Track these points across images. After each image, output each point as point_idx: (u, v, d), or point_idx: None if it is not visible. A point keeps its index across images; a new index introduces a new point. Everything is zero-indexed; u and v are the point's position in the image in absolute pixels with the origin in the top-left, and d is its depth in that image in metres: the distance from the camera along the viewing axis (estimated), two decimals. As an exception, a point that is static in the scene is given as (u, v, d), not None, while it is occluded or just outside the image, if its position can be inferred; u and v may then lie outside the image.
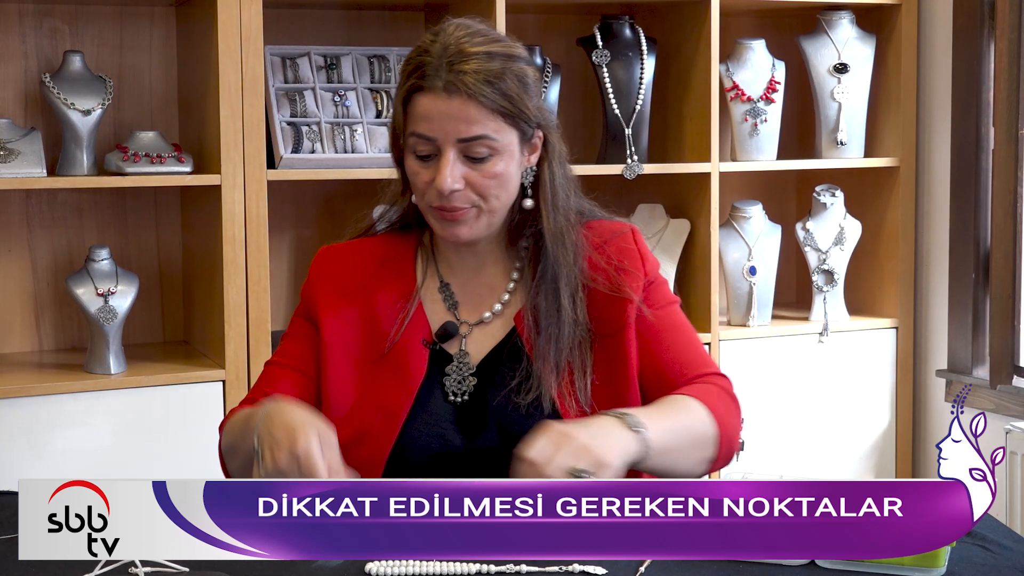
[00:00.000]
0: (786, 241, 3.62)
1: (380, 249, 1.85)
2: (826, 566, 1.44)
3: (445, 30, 1.72)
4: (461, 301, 1.82)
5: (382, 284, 1.81)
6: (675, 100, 3.49)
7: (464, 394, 1.76)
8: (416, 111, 1.69)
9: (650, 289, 1.81)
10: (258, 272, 2.96)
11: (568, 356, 1.74)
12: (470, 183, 1.70)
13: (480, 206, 1.72)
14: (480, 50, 1.68)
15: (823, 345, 3.54)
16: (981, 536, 1.53)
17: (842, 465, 3.59)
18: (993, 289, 3.42)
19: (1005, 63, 3.32)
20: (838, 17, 3.58)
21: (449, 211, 1.70)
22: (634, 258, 1.81)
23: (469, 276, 1.82)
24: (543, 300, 1.75)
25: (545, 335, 1.74)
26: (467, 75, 1.66)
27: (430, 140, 1.68)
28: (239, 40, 2.91)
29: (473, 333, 1.80)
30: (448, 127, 1.67)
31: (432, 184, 1.69)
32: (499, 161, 1.70)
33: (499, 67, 1.68)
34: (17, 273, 3.15)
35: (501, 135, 1.69)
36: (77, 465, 2.81)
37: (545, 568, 1.43)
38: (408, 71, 1.70)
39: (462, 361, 1.78)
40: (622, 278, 1.78)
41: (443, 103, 1.66)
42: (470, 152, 1.68)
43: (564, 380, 1.73)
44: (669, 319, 1.81)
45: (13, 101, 3.10)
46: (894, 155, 3.61)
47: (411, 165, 1.72)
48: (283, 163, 3.01)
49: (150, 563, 1.43)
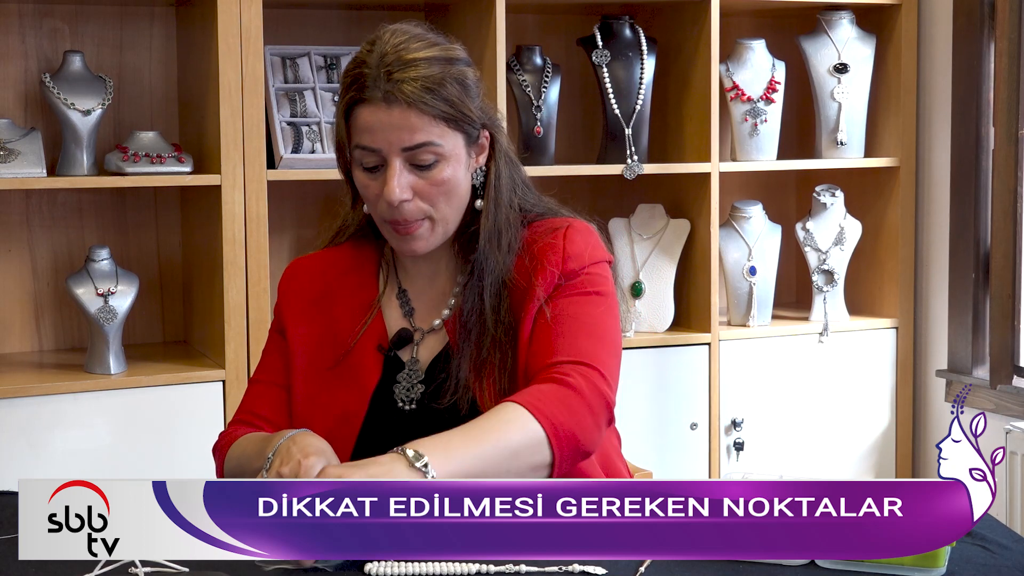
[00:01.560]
0: (786, 241, 3.62)
1: (345, 258, 1.85)
2: (826, 566, 1.44)
3: (381, 38, 1.69)
4: (416, 308, 1.81)
5: (345, 293, 1.82)
6: (675, 100, 3.49)
7: (412, 401, 1.76)
8: (358, 123, 1.67)
9: (567, 282, 1.73)
10: (258, 272, 2.96)
11: (489, 356, 1.72)
12: (418, 192, 1.68)
13: (432, 216, 1.70)
14: (417, 56, 1.66)
15: (823, 345, 3.54)
16: (981, 536, 1.53)
17: (842, 465, 3.59)
18: (993, 289, 3.42)
19: (1005, 63, 3.32)
20: (838, 17, 3.58)
21: (403, 225, 1.69)
22: (555, 254, 1.74)
23: (424, 283, 1.82)
24: (468, 299, 1.74)
25: (465, 334, 1.73)
26: (405, 83, 1.64)
27: (374, 151, 1.67)
28: (239, 40, 2.91)
29: (426, 339, 1.79)
30: (391, 137, 1.65)
31: (381, 196, 1.68)
32: (446, 167, 1.68)
33: (438, 72, 1.67)
34: (17, 273, 3.15)
35: (445, 140, 1.68)
36: (77, 465, 2.81)
37: (545, 568, 1.43)
38: (347, 84, 1.68)
39: (412, 368, 1.77)
40: (534, 276, 1.73)
41: (384, 113, 1.65)
42: (416, 160, 1.67)
43: (486, 380, 1.71)
44: (571, 309, 1.71)
45: (13, 101, 3.10)
46: (894, 155, 3.61)
47: (360, 178, 1.71)
48: (283, 163, 3.01)
49: (150, 563, 1.43)
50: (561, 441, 1.58)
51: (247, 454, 1.71)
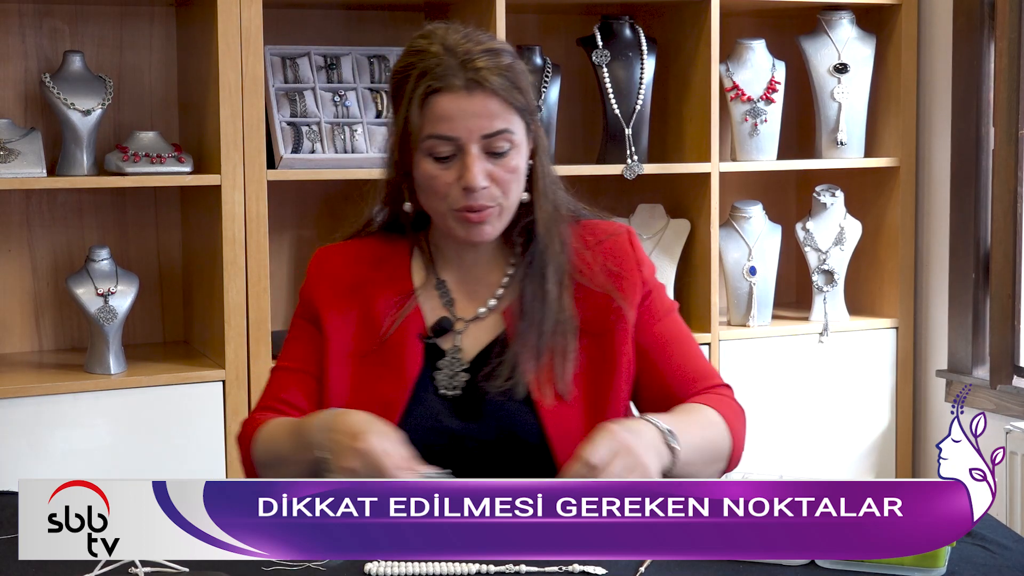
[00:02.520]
0: (786, 241, 3.62)
1: (375, 249, 1.86)
2: (826, 566, 1.44)
3: (435, 33, 1.73)
4: (456, 298, 1.82)
5: (379, 283, 1.82)
6: (675, 100, 3.49)
7: (455, 388, 1.76)
8: (435, 112, 1.68)
9: (650, 298, 1.81)
10: (258, 272, 2.96)
11: (550, 342, 1.74)
12: (493, 179, 1.70)
13: (501, 203, 1.73)
14: (484, 47, 1.70)
15: (823, 345, 3.54)
16: (981, 536, 1.53)
17: (842, 465, 3.58)
18: (993, 289, 3.42)
19: (1005, 63, 3.32)
20: (838, 17, 3.58)
21: (476, 211, 1.71)
22: (629, 262, 1.81)
23: (464, 273, 1.83)
24: (528, 286, 1.76)
25: (527, 319, 1.75)
26: (484, 71, 1.67)
27: (451, 140, 1.68)
28: (239, 40, 2.91)
29: (468, 329, 1.80)
30: (471, 124, 1.67)
31: (456, 184, 1.69)
32: (516, 155, 1.72)
33: (509, 61, 1.71)
34: (17, 273, 3.15)
35: (516, 128, 1.71)
36: (77, 465, 2.81)
37: (545, 568, 1.43)
38: (416, 76, 1.69)
39: (454, 356, 1.78)
40: (616, 281, 1.79)
41: (465, 101, 1.67)
42: (491, 147, 1.69)
43: (543, 369, 1.74)
44: (671, 330, 1.82)
45: (13, 101, 3.10)
46: (894, 155, 3.61)
47: (428, 169, 1.71)
48: (283, 163, 3.01)
49: (150, 563, 1.43)
50: (735, 455, 1.74)
51: (278, 443, 1.71)
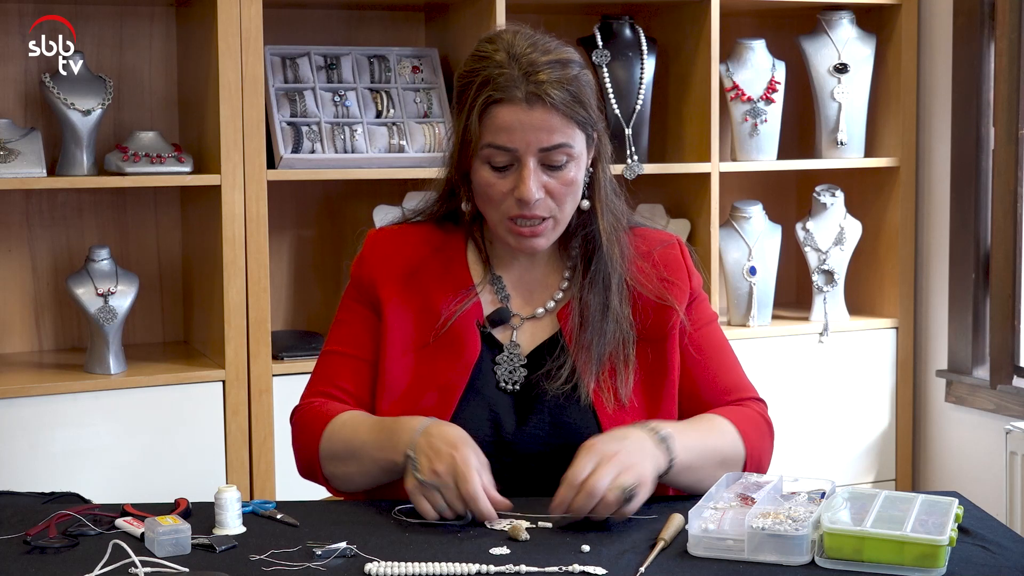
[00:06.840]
0: (786, 241, 3.62)
1: (430, 236, 1.87)
2: (826, 566, 1.43)
3: (502, 37, 1.73)
4: (512, 295, 1.84)
5: (436, 272, 1.83)
6: (675, 100, 3.49)
7: (515, 383, 1.78)
8: (494, 123, 1.69)
9: (694, 305, 1.85)
10: (258, 272, 2.96)
11: (611, 351, 1.77)
12: (549, 191, 1.72)
13: (556, 215, 1.75)
14: (550, 59, 1.70)
15: (823, 345, 3.54)
16: (981, 536, 1.53)
17: (842, 465, 3.59)
18: (993, 289, 3.42)
19: (1005, 63, 3.32)
20: (838, 17, 3.58)
21: (528, 223, 1.73)
22: (680, 270, 1.86)
23: (521, 272, 1.85)
24: (592, 296, 1.79)
25: (591, 329, 1.77)
26: (546, 84, 1.68)
27: (509, 151, 1.70)
28: (239, 40, 2.91)
29: (525, 325, 1.82)
30: (529, 137, 1.69)
31: (510, 194, 1.71)
32: (573, 167, 1.73)
33: (573, 74, 1.71)
34: (17, 273, 3.15)
35: (576, 141, 1.72)
36: (77, 465, 2.82)
37: (545, 568, 1.43)
38: (479, 83, 1.70)
39: (513, 352, 1.80)
40: (669, 289, 1.82)
41: (524, 114, 1.68)
42: (549, 160, 1.71)
43: (604, 374, 1.76)
44: (710, 340, 1.86)
45: (13, 101, 3.10)
46: (894, 155, 3.61)
47: (485, 177, 1.73)
48: (283, 163, 3.01)
49: (150, 563, 1.43)
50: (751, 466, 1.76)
51: (359, 438, 1.71)
